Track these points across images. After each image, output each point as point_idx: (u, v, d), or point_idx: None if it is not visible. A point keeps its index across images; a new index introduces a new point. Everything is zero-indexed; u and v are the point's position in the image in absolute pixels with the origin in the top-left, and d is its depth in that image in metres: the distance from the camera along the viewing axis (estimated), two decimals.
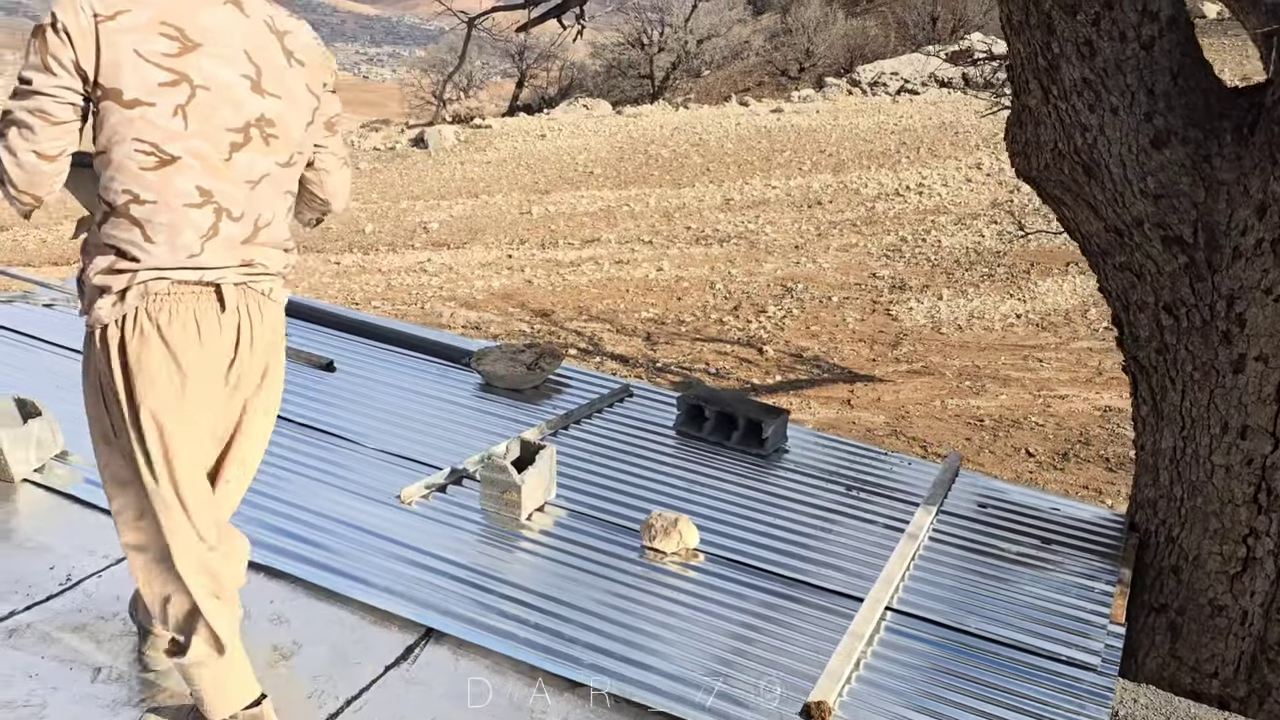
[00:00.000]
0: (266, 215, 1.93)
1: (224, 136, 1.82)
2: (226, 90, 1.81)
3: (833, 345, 10.26)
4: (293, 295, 4.88)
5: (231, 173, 1.84)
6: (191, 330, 1.85)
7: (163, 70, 1.74)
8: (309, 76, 1.95)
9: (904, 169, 17.59)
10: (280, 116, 1.89)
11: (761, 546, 3.00)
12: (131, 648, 2.37)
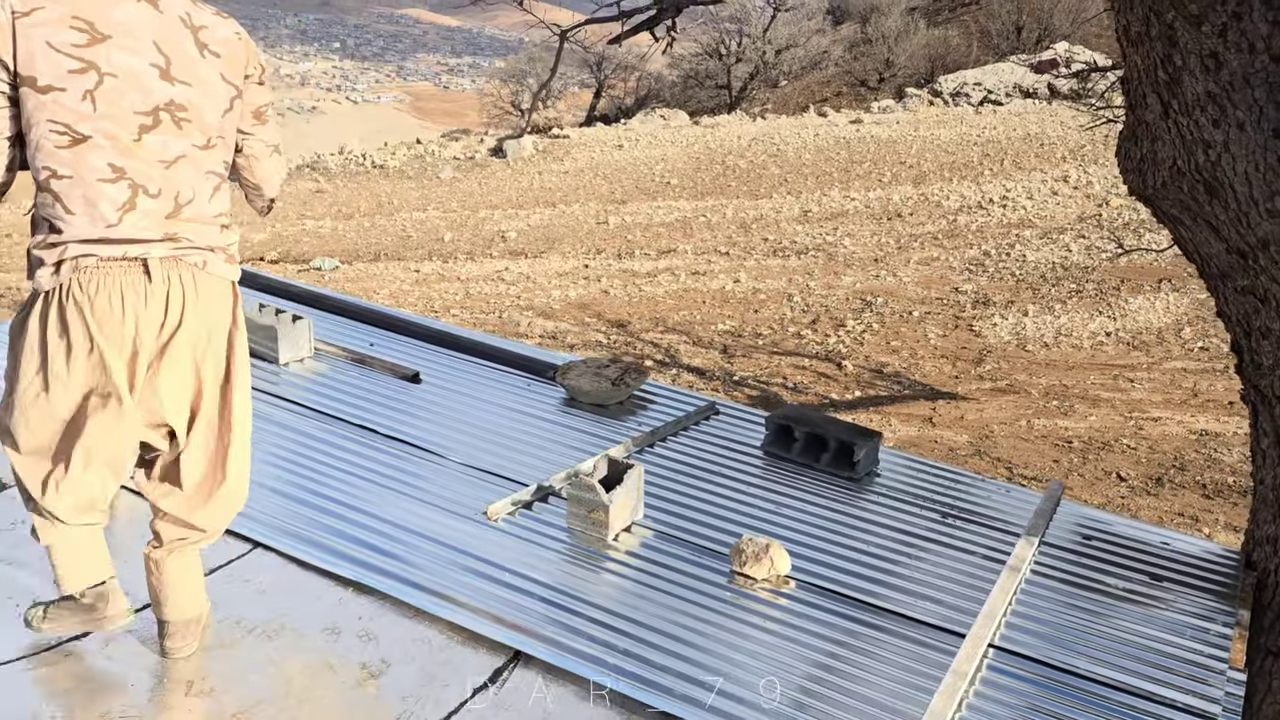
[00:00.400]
0: (187, 193, 2.10)
1: (132, 119, 2.01)
2: (134, 77, 2.00)
3: (914, 361, 10.04)
4: (378, 305, 4.92)
5: (143, 152, 2.03)
6: (116, 304, 2.03)
7: (72, 59, 1.94)
8: (224, 67, 2.12)
9: (987, 181, 17.21)
10: (191, 102, 2.07)
11: (854, 575, 2.91)
12: (226, 662, 2.38)
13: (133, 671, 2.32)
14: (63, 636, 2.41)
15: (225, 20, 2.15)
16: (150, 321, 2.07)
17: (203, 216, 2.13)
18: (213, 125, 2.12)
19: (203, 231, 2.13)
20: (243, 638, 2.47)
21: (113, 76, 1.97)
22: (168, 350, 2.11)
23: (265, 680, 2.32)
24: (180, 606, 2.35)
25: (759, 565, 2.81)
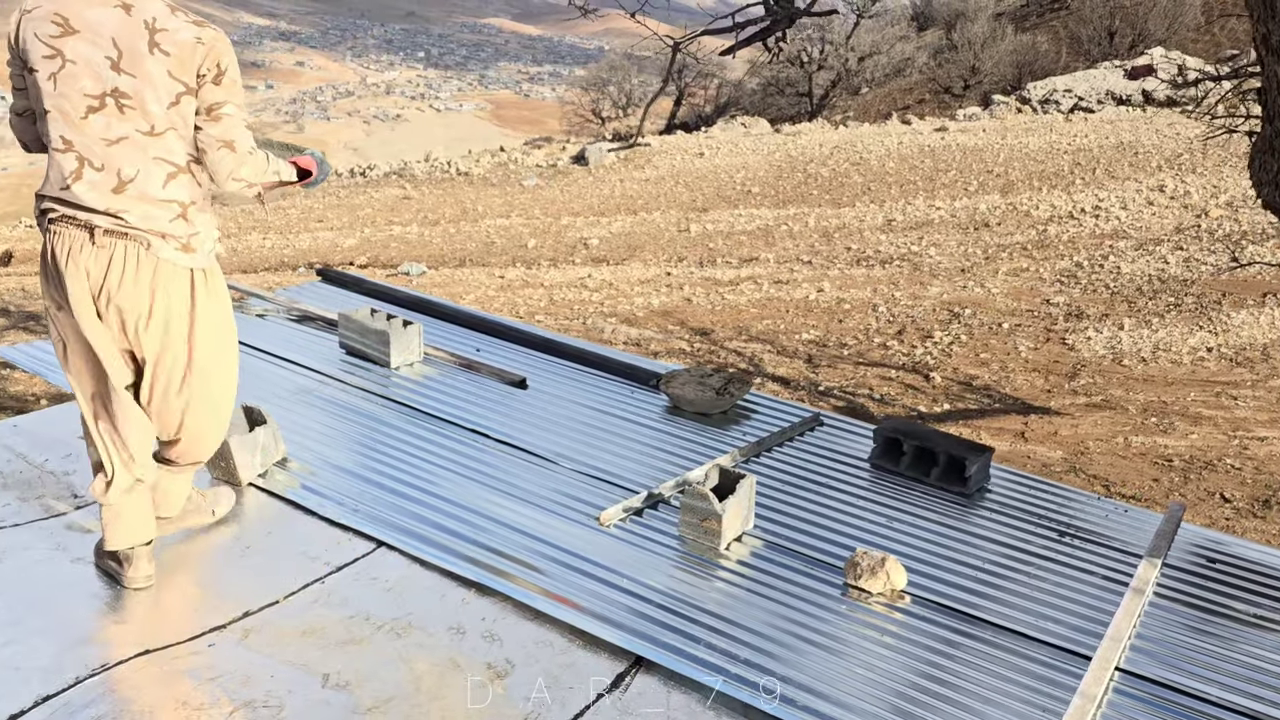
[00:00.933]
0: (129, 171, 2.41)
1: (81, 100, 2.36)
2: (89, 65, 2.34)
3: (1004, 374, 9.83)
4: (484, 312, 5.01)
5: (88, 128, 2.37)
6: (64, 257, 2.42)
7: (46, 47, 2.33)
8: (172, 65, 2.38)
9: (1078, 191, 16.81)
10: (135, 91, 2.37)
11: (971, 591, 2.87)
12: (357, 658, 2.46)
13: (273, 663, 2.41)
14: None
15: (193, 27, 2.41)
16: (95, 277, 2.43)
17: (149, 198, 2.44)
18: (156, 114, 2.40)
19: (150, 214, 2.44)
20: (372, 634, 2.55)
21: (72, 63, 2.34)
22: (111, 307, 2.46)
23: (397, 676, 2.39)
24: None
25: (875, 579, 2.79)
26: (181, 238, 2.48)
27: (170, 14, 2.40)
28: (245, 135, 2.51)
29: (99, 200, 2.40)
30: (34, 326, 11.37)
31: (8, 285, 15.11)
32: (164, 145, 2.43)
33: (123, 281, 2.43)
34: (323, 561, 2.85)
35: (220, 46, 2.44)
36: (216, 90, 2.44)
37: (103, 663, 2.35)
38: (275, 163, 2.62)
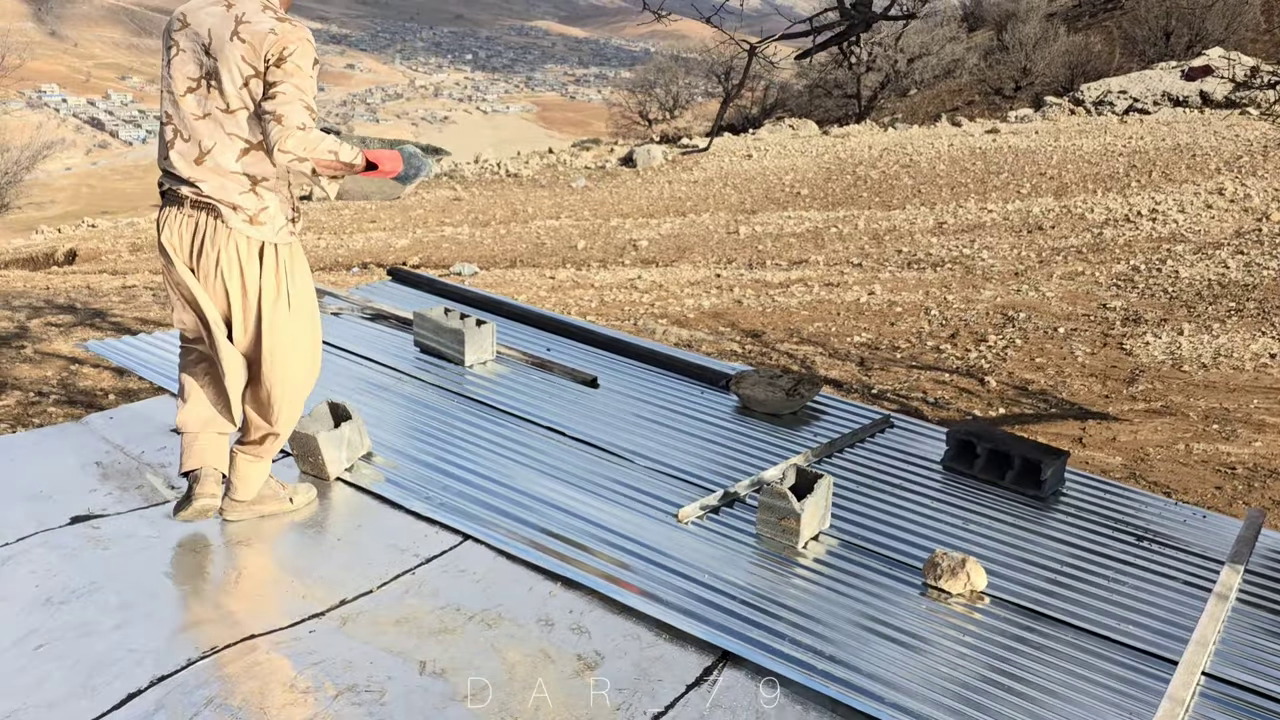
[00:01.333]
0: (208, 143, 2.74)
1: (184, 82, 2.75)
2: (192, 53, 2.73)
3: (1060, 379, 9.73)
4: (553, 312, 5.09)
5: (184, 105, 2.75)
6: (164, 222, 2.84)
7: (169, 39, 2.79)
8: (245, 51, 2.67)
9: (1134, 193, 16.57)
10: (218, 74, 2.70)
11: (1049, 594, 2.89)
12: (452, 646, 2.53)
13: (371, 650, 2.49)
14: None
15: (272, 20, 2.70)
16: (184, 242, 2.80)
17: (223, 170, 2.75)
18: (230, 94, 2.71)
19: (223, 185, 2.76)
20: (464, 624, 2.62)
21: (181, 51, 2.75)
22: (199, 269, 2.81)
23: (490, 665, 2.46)
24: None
25: (955, 580, 2.82)
26: (250, 210, 2.78)
27: (259, 10, 2.72)
28: (298, 113, 2.64)
29: (185, 169, 2.75)
30: (99, 324, 11.67)
31: (73, 283, 15.50)
32: (236, 122, 2.73)
33: (203, 248, 2.78)
34: (412, 553, 2.94)
35: (291, 38, 2.69)
36: (277, 72, 2.68)
37: (211, 645, 2.45)
38: (332, 143, 2.67)
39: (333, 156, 2.66)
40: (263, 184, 2.79)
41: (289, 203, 2.87)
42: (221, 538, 2.99)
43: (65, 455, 3.43)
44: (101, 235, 22.71)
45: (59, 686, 2.30)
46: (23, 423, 8.21)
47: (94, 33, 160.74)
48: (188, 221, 2.78)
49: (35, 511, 3.05)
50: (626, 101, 33.41)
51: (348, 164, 2.71)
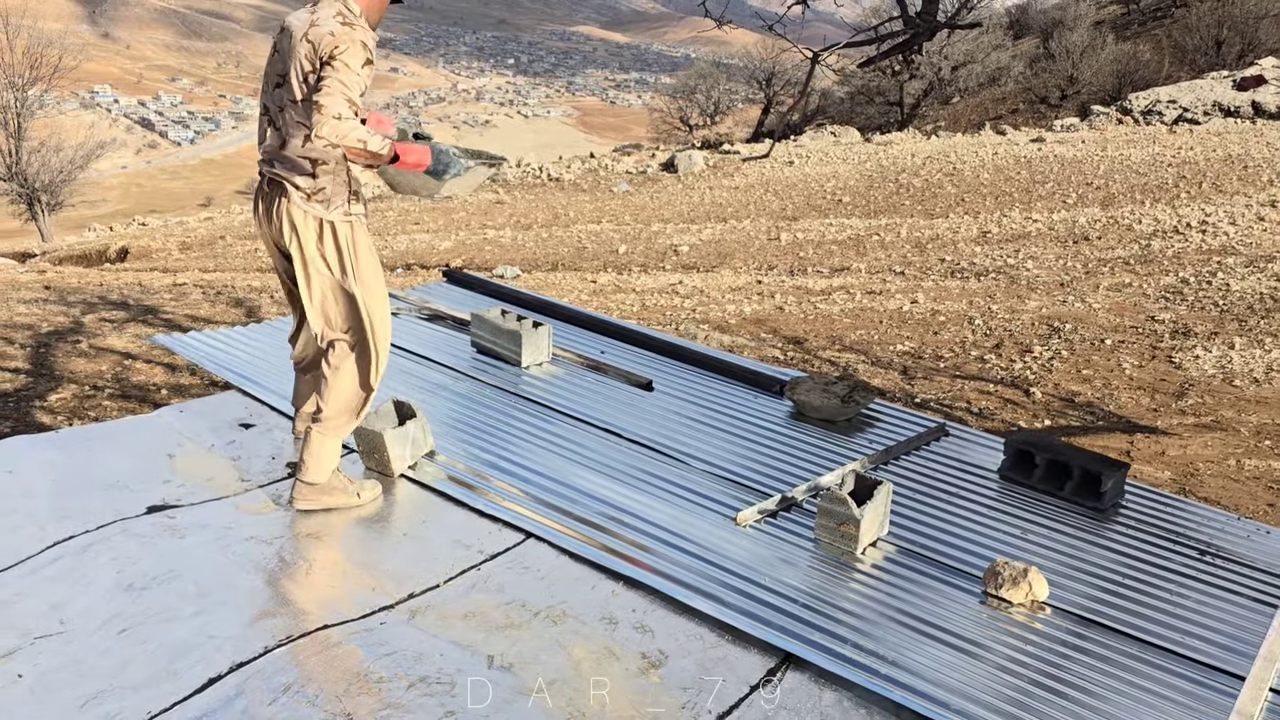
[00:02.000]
0: (283, 131, 3.12)
1: (273, 78, 3.13)
2: (280, 54, 3.11)
3: (1107, 392, 9.62)
4: (607, 316, 5.13)
5: (273, 98, 3.13)
6: (255, 200, 3.29)
7: (274, 43, 3.16)
8: (308, 50, 3.00)
9: (1183, 205, 16.34)
10: (290, 71, 3.04)
11: (1111, 606, 2.88)
12: (518, 641, 2.58)
13: (440, 643, 2.54)
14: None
15: (335, 23, 2.99)
16: (264, 214, 3.22)
17: (293, 153, 3.10)
18: (295, 87, 3.05)
19: (289, 166, 3.11)
20: (530, 620, 2.67)
21: (275, 52, 3.15)
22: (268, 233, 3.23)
23: (556, 660, 2.51)
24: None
25: (1017, 589, 2.82)
26: (308, 190, 3.10)
27: (330, 16, 3.03)
28: (337, 103, 2.87)
29: (269, 153, 3.16)
30: (151, 320, 11.90)
31: (125, 280, 15.82)
32: (299, 112, 3.07)
33: (273, 221, 3.16)
34: (476, 550, 2.99)
35: (345, 38, 2.97)
36: (327, 68, 2.96)
37: (287, 634, 2.52)
38: (363, 132, 2.88)
39: (361, 145, 2.87)
40: (321, 167, 3.10)
41: (348, 186, 3.15)
42: (291, 530, 3.06)
43: (139, 447, 3.53)
44: (152, 234, 23.15)
45: (142, 670, 2.37)
46: (78, 415, 8.40)
47: (146, 35, 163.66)
48: (265, 196, 3.20)
49: (113, 500, 3.15)
50: (667, 107, 33.49)
51: (375, 153, 2.93)
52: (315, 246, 3.12)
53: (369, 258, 3.23)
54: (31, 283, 14.79)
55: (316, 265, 3.13)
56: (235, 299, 13.12)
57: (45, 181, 29.25)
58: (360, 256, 3.19)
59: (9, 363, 9.65)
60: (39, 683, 2.32)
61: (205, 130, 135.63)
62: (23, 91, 29.11)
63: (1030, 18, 34.52)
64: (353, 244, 3.15)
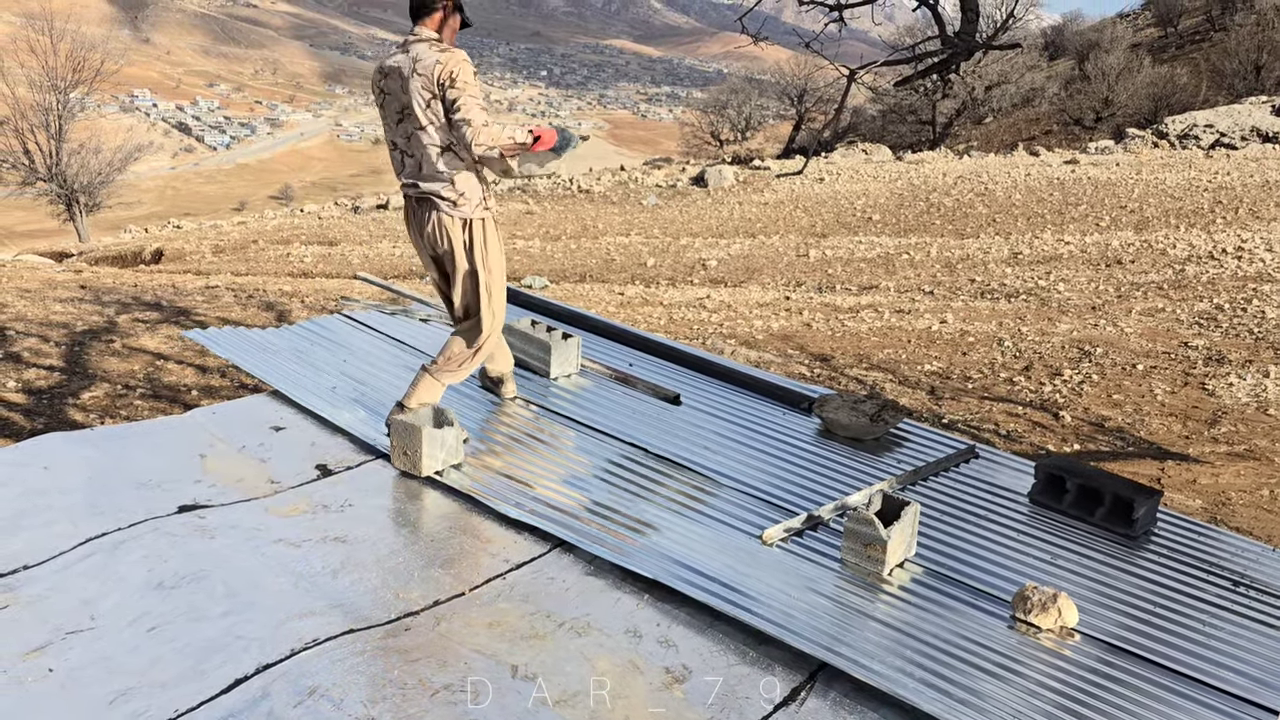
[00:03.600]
0: (418, 157, 3.62)
1: (394, 115, 3.63)
2: (394, 94, 3.59)
3: (1138, 417, 9.51)
4: (636, 328, 5.14)
5: (399, 131, 3.64)
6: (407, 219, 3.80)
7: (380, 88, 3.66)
8: (423, 82, 3.50)
9: (1219, 230, 16.17)
10: (409, 104, 3.55)
11: (1142, 635, 2.84)
12: (543, 652, 2.58)
13: (465, 651, 2.55)
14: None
15: (436, 54, 3.49)
16: (417, 230, 3.74)
17: (432, 173, 3.61)
18: (419, 116, 3.53)
19: (433, 185, 3.62)
20: (554, 631, 2.67)
21: (386, 94, 3.62)
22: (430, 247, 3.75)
23: (580, 673, 2.50)
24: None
25: (1046, 615, 2.79)
26: (452, 199, 3.63)
27: (427, 50, 3.53)
28: (479, 114, 3.45)
29: (411, 177, 3.67)
30: (184, 322, 12.05)
31: (159, 281, 16.03)
32: (429, 135, 3.56)
33: (426, 233, 3.70)
34: (502, 559, 3.00)
35: (452, 62, 3.48)
36: (453, 91, 3.46)
37: (314, 637, 2.53)
38: (510, 129, 3.46)
39: (512, 140, 3.46)
40: (457, 175, 3.62)
41: (480, 187, 3.69)
42: (319, 534, 3.08)
43: (172, 446, 3.57)
44: (186, 236, 23.44)
45: (170, 668, 2.39)
46: (110, 414, 8.51)
47: (186, 40, 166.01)
48: (415, 214, 3.72)
49: (145, 499, 3.18)
50: (698, 121, 33.55)
51: (523, 143, 3.48)
52: (463, 243, 3.68)
53: (497, 247, 3.79)
54: (68, 282, 15.02)
55: (461, 258, 3.70)
56: (266, 303, 13.26)
57: (84, 183, 29.73)
58: (490, 247, 3.74)
59: (44, 360, 9.80)
60: (69, 678, 2.34)
61: (241, 135, 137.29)
62: (64, 94, 29.63)
63: (1066, 39, 34.32)
64: (485, 236, 3.71)
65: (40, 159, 29.39)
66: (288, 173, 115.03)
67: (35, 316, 11.67)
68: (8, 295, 13.01)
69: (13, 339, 10.48)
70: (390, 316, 5.09)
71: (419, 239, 3.76)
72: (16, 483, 3.24)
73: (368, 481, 3.46)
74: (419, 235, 3.73)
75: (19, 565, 2.79)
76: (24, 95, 29.69)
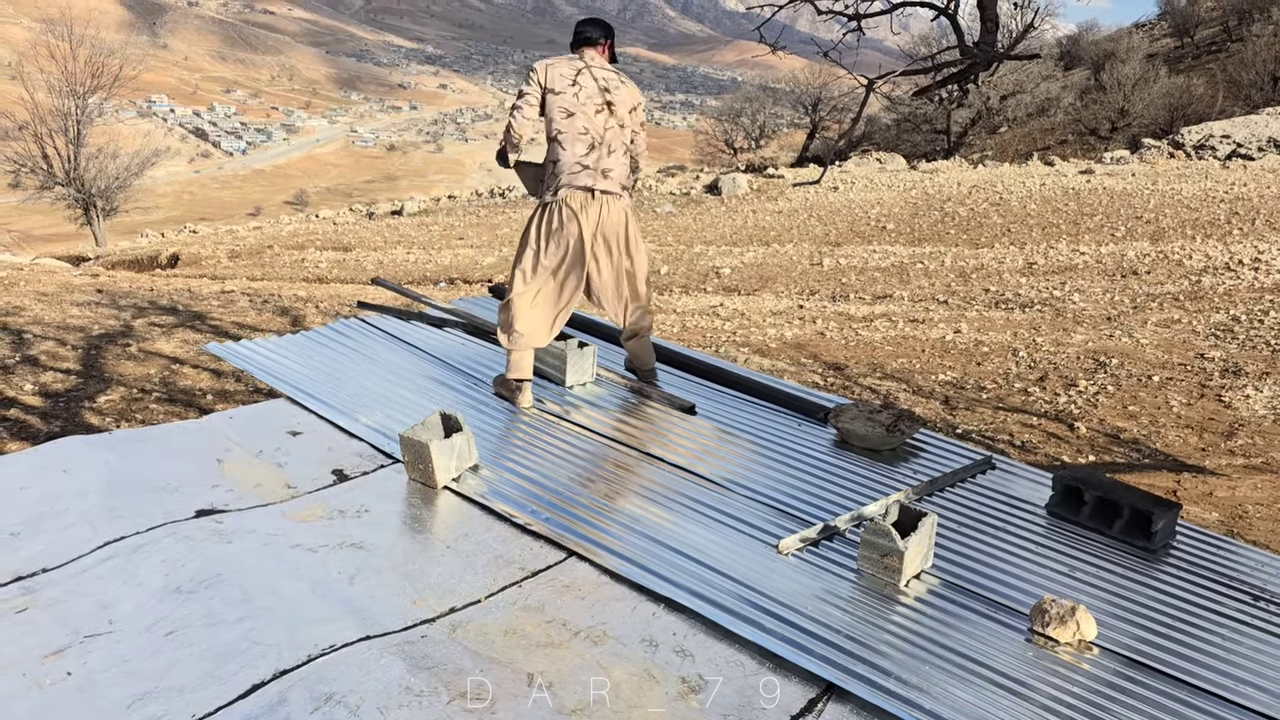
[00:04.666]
0: (612, 147, 4.29)
1: (594, 106, 4.25)
2: (591, 89, 4.26)
3: (1154, 429, 9.45)
4: (655, 338, 5.14)
5: (597, 121, 4.26)
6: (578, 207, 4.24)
7: (566, 80, 4.24)
8: (628, 94, 4.37)
9: (1236, 241, 16.08)
10: (615, 103, 4.30)
11: (1161, 649, 2.82)
12: (558, 660, 2.57)
13: (480, 659, 2.55)
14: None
15: (626, 78, 4.38)
16: (591, 219, 4.26)
17: (618, 165, 4.32)
18: (622, 117, 4.31)
19: (617, 176, 4.32)
20: (570, 640, 2.67)
21: (583, 88, 4.25)
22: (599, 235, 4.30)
23: (596, 682, 2.50)
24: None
25: (1064, 628, 2.77)
26: (626, 189, 4.38)
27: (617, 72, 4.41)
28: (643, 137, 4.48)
29: (595, 165, 4.24)
30: (199, 326, 12.11)
31: (175, 285, 16.12)
32: (625, 135, 4.33)
33: (610, 218, 4.29)
34: (518, 566, 3.00)
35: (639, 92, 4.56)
36: (639, 114, 4.44)
37: (330, 643, 2.53)
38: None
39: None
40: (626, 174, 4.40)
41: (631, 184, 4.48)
42: (336, 539, 3.09)
43: (190, 451, 3.58)
44: (202, 241, 23.57)
45: (188, 673, 2.40)
46: (126, 418, 8.56)
47: (203, 46, 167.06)
48: (593, 202, 4.25)
49: (163, 503, 3.20)
50: (713, 129, 33.57)
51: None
52: (636, 228, 4.43)
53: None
54: (85, 286, 15.12)
55: (636, 238, 4.42)
56: (281, 307, 13.32)
57: (101, 187, 29.96)
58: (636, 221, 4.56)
59: (61, 363, 9.86)
60: (87, 681, 2.35)
61: (257, 141, 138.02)
62: (83, 99, 29.89)
63: (1082, 49, 34.23)
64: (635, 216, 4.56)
65: (59, 163, 29.64)
66: (303, 178, 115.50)
67: (52, 320, 11.75)
68: (25, 299, 13.11)
69: (30, 342, 10.55)
70: (405, 322, 5.10)
71: (593, 226, 4.24)
72: (37, 485, 3.26)
73: (384, 487, 3.46)
74: (595, 223, 4.24)
75: (39, 568, 2.81)
76: (43, 100, 29.96)
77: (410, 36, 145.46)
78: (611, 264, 4.35)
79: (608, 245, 4.30)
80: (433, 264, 18.00)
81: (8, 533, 2.99)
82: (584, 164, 4.18)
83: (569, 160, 4.18)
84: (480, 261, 16.77)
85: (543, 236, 4.25)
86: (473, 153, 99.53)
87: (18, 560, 2.85)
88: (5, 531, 2.99)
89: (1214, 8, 41.11)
